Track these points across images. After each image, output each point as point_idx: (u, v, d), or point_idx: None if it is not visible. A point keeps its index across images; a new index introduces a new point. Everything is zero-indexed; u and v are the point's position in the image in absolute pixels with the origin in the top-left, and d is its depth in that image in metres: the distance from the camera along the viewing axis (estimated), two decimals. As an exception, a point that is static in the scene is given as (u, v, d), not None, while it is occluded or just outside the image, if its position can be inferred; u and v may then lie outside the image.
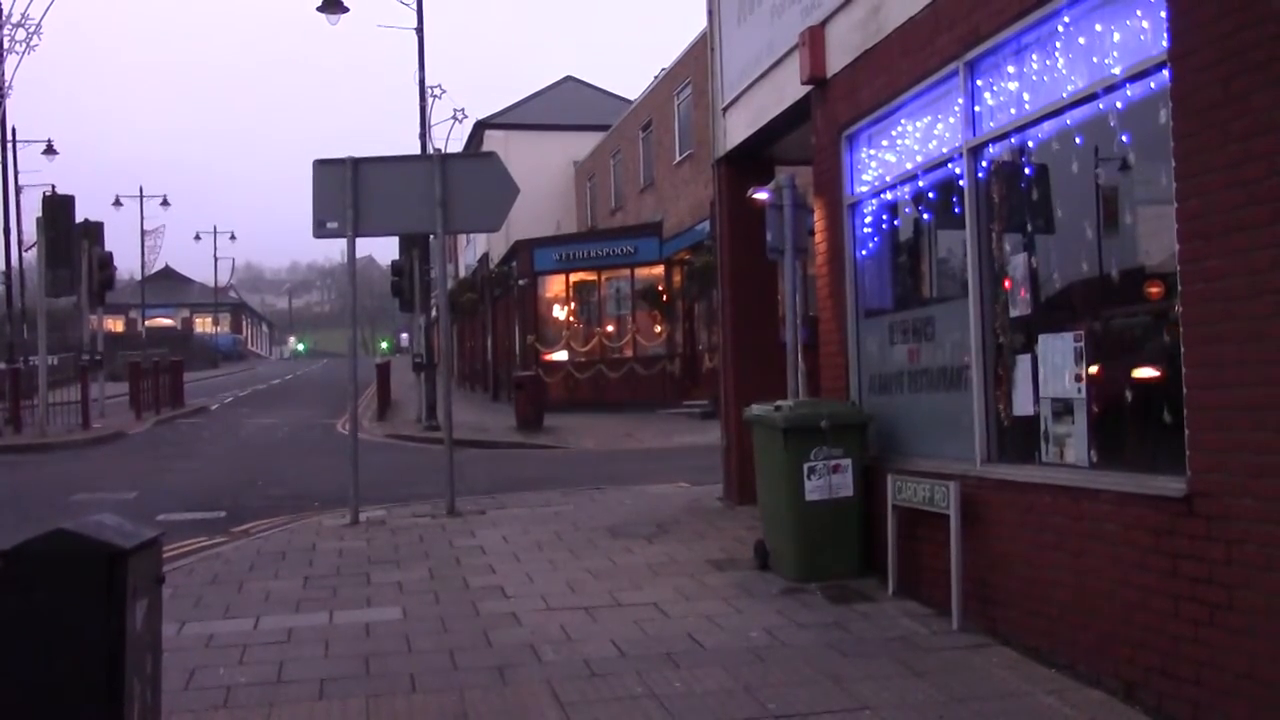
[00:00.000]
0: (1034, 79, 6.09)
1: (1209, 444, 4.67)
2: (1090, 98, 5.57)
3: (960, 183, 6.83)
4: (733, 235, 11.54)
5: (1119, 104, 5.41)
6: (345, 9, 26.17)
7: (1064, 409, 5.84)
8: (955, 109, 6.88)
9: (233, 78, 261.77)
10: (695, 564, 8.59)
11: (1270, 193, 4.34)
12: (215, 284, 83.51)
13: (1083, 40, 5.64)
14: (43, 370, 24.31)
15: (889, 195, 8.02)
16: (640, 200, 34.06)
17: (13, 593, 3.94)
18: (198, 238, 76.92)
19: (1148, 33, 5.13)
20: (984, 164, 6.67)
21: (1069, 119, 5.81)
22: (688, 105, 28.96)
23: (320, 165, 11.51)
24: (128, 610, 4.03)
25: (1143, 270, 5.58)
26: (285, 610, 7.56)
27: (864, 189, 8.31)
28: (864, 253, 8.40)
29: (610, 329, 32.88)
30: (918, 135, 7.51)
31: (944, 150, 7.08)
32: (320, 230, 11.54)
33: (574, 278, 33.93)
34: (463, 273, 51.67)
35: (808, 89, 8.96)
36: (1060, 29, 5.82)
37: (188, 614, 7.42)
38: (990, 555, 6.36)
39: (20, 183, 37.75)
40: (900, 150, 7.77)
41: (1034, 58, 6.09)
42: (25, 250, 36.37)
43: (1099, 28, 5.52)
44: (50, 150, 42.27)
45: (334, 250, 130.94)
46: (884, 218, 8.17)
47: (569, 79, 50.89)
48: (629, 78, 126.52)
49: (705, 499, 11.99)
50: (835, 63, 8.52)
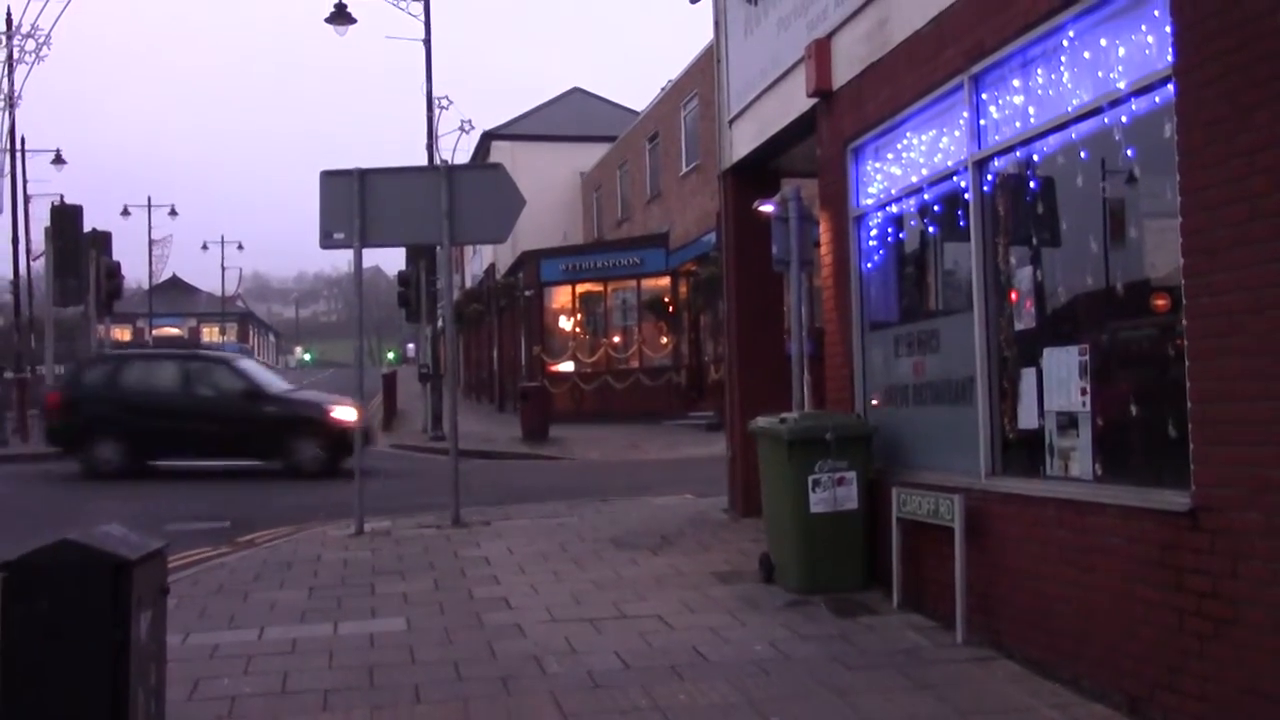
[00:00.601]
0: (1039, 93, 6.10)
1: (1214, 458, 4.67)
2: (1095, 112, 5.58)
3: (965, 196, 6.84)
4: (739, 247, 11.55)
5: (1124, 118, 5.41)
6: (353, 20, 26.33)
7: (1069, 422, 5.84)
8: (960, 122, 6.89)
9: (241, 89, 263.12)
10: (700, 576, 8.59)
11: (1275, 208, 4.34)
12: (223, 293, 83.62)
13: (1087, 55, 5.65)
14: (50, 380, 24.38)
15: (894, 208, 8.03)
16: (647, 211, 34.11)
17: (18, 603, 3.96)
18: (205, 247, 76.91)
19: (1152, 47, 5.13)
20: (989, 177, 6.68)
21: (1074, 133, 5.81)
22: (694, 117, 29.00)
23: (327, 176, 11.54)
24: (132, 621, 4.05)
25: (1148, 284, 5.57)
26: (290, 620, 7.57)
27: (869, 201, 8.33)
28: (869, 265, 8.41)
29: (616, 340, 32.89)
30: (923, 148, 7.52)
31: (949, 163, 7.09)
32: (327, 241, 11.56)
33: (580, 289, 33.96)
34: (469, 283, 51.71)
35: (813, 101, 8.98)
36: (1065, 43, 5.83)
37: (193, 624, 7.43)
38: (995, 568, 6.35)
39: (29, 192, 37.92)
40: (905, 163, 7.78)
41: (1039, 72, 6.11)
42: (33, 260, 36.49)
43: (1104, 42, 5.53)
44: (59, 160, 42.49)
45: (341, 260, 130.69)
46: (889, 230, 8.18)
47: (576, 90, 51.00)
48: (636, 89, 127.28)
49: (710, 511, 11.98)
50: (841, 76, 8.54)
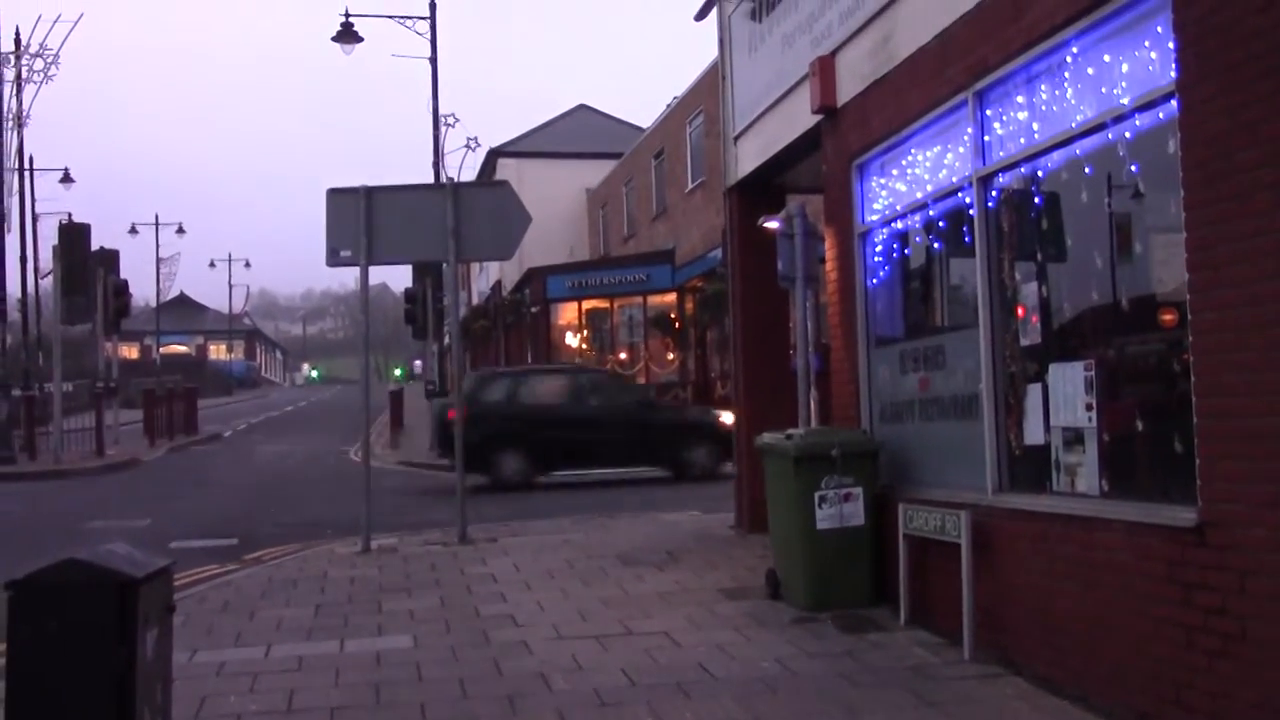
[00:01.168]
0: (1043, 109, 6.11)
1: (1220, 473, 4.66)
2: (1099, 128, 5.58)
3: (970, 212, 6.84)
4: (745, 263, 11.57)
5: (1128, 134, 5.42)
6: (360, 39, 26.42)
7: (1075, 438, 5.83)
8: (965, 138, 6.90)
9: (248, 106, 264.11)
10: (706, 593, 8.57)
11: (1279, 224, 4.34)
12: (230, 311, 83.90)
13: (1091, 71, 5.66)
14: (58, 397, 24.48)
15: (899, 224, 8.04)
16: (653, 228, 34.16)
17: (24, 622, 3.96)
18: (213, 265, 77.07)
19: (1156, 63, 5.14)
20: (994, 193, 6.69)
21: (1078, 148, 5.82)
22: (699, 133, 29.08)
23: (334, 194, 11.57)
24: (138, 639, 4.05)
25: (1153, 299, 5.58)
26: (296, 638, 7.57)
27: (875, 218, 8.34)
28: (875, 281, 8.42)
29: (623, 356, 32.94)
30: (927, 164, 7.53)
31: (954, 179, 7.10)
32: (334, 259, 11.59)
33: (586, 305, 34.03)
34: (476, 300, 51.84)
35: (818, 118, 9.00)
36: (1069, 59, 5.84)
37: (199, 641, 7.43)
38: (1002, 585, 6.33)
39: (37, 210, 38.09)
40: (910, 179, 7.79)
41: (1043, 88, 6.12)
42: (41, 278, 36.63)
43: (1107, 58, 5.54)
44: (67, 178, 42.71)
45: (348, 277, 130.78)
46: (895, 246, 8.19)
47: (581, 107, 51.17)
48: (641, 106, 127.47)
49: (717, 527, 11.96)
50: (845, 92, 8.56)
